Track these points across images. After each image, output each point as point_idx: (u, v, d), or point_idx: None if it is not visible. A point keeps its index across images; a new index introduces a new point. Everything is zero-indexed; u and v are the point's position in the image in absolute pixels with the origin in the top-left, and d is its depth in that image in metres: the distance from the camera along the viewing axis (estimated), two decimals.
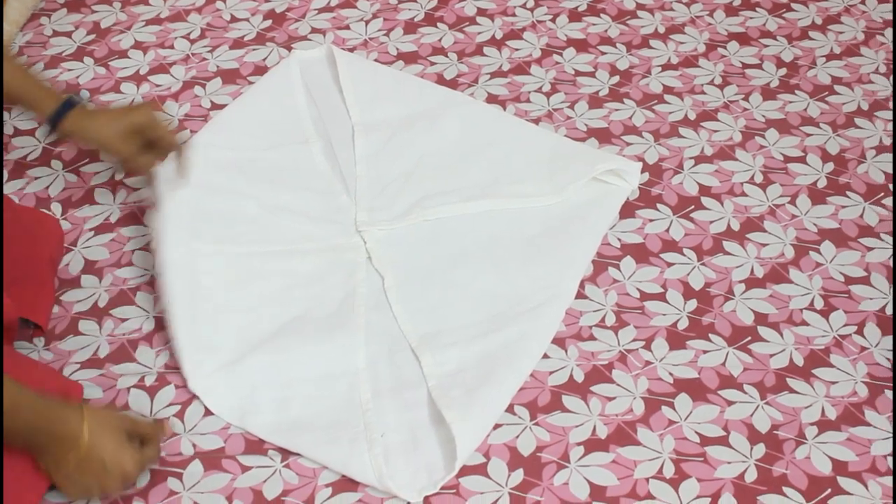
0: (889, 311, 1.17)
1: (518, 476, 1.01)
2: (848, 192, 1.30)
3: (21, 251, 1.10)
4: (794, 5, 1.57)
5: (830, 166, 1.33)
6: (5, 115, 1.35)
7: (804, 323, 1.15)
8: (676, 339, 1.13)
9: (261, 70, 1.43)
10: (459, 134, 1.31)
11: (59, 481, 0.94)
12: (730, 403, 1.07)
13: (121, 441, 0.94)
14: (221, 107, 1.36)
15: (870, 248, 1.23)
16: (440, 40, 1.50)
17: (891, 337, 1.14)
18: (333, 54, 1.40)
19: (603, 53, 1.48)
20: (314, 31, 1.50)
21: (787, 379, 1.10)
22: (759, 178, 1.31)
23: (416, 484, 0.99)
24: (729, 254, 1.22)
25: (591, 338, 1.13)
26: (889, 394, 1.09)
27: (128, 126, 1.13)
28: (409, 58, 1.46)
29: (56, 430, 0.91)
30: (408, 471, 1.00)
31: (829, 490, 1.01)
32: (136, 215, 1.24)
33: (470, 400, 1.04)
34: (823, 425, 1.06)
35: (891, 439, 1.05)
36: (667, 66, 1.47)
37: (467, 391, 1.04)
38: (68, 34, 1.49)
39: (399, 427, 1.03)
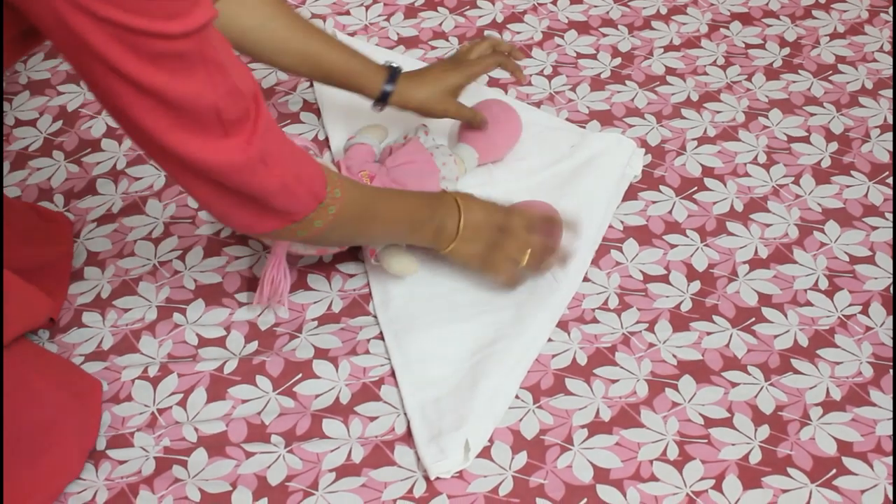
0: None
1: (521, 459, 1.01)
2: (852, 172, 1.29)
3: (35, 248, 1.11)
4: None
5: (834, 146, 1.32)
6: (6, 105, 1.36)
7: (809, 303, 1.15)
8: (680, 321, 1.13)
9: None
10: None
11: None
12: (734, 385, 1.07)
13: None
14: None
15: (874, 228, 1.22)
16: (441, 24, 1.49)
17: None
18: None
19: (605, 35, 1.48)
20: (314, 16, 1.50)
21: (792, 360, 1.09)
22: (762, 159, 1.30)
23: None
24: (732, 235, 1.22)
25: (594, 320, 1.13)
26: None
27: (444, 89, 1.20)
28: (409, 42, 1.46)
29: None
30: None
31: (834, 471, 1.00)
32: (139, 205, 1.25)
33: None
34: (828, 406, 1.05)
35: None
36: (669, 48, 1.46)
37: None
38: None
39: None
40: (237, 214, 0.91)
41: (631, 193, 1.25)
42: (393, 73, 1.18)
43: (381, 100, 1.19)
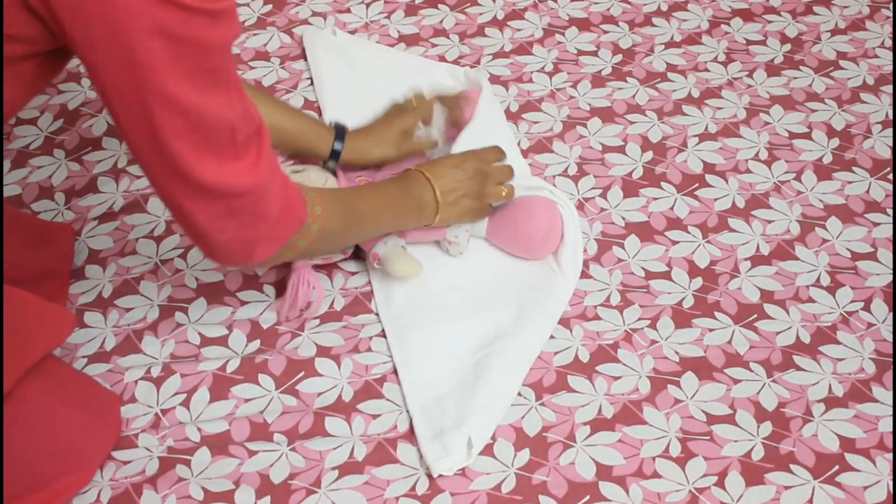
0: None
1: (524, 456, 1.01)
2: (854, 168, 1.29)
3: (36, 257, 1.11)
4: None
5: (836, 142, 1.32)
6: None
7: (811, 300, 1.15)
8: (682, 318, 1.13)
9: (262, 55, 1.43)
10: None
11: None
12: (736, 381, 1.07)
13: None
14: None
15: (876, 224, 1.22)
16: (441, 22, 1.49)
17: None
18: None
19: (605, 32, 1.48)
20: (315, 14, 1.50)
21: (794, 356, 1.09)
22: (763, 155, 1.30)
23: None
24: (734, 231, 1.22)
25: (596, 317, 1.13)
26: None
27: (394, 135, 1.19)
28: (410, 40, 1.46)
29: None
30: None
31: (836, 467, 1.00)
32: (140, 203, 1.24)
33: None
34: (830, 402, 1.05)
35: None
36: (670, 44, 1.46)
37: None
38: None
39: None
40: (235, 244, 0.92)
41: (632, 190, 1.26)
42: (340, 132, 1.17)
43: (333, 158, 1.18)
